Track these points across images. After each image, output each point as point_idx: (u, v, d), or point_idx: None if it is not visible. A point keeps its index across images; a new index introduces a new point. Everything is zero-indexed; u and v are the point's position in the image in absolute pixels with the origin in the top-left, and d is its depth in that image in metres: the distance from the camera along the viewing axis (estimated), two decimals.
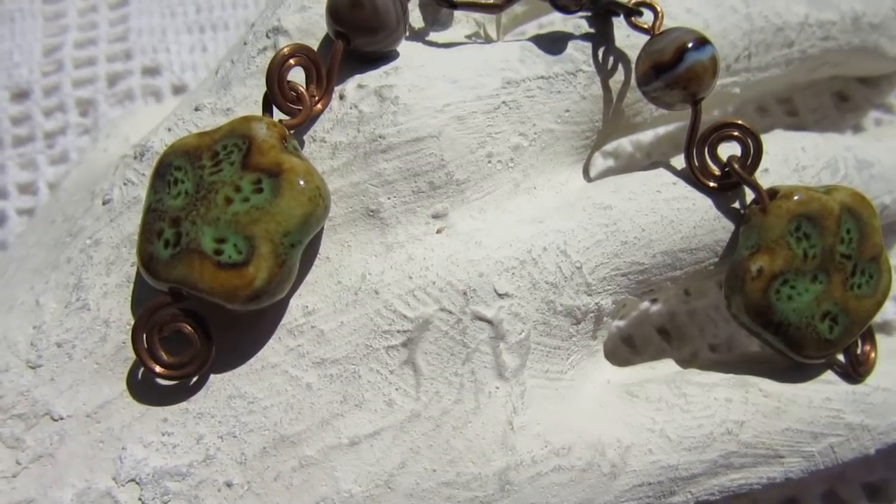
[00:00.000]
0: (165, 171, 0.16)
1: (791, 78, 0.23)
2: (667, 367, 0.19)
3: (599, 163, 0.28)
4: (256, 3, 0.34)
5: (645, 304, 0.26)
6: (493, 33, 0.21)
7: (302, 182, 0.15)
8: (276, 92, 0.16)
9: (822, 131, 0.29)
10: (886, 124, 0.29)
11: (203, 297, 0.15)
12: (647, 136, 0.29)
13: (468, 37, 0.20)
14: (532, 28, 0.25)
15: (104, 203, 0.18)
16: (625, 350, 0.25)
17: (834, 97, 0.30)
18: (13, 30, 0.34)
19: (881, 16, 0.24)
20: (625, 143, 0.28)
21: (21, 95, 0.32)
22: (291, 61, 0.16)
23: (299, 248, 0.15)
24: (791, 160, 0.19)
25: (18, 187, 0.31)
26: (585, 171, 0.20)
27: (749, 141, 0.18)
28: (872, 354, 0.19)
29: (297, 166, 0.15)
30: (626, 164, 0.28)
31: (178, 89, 0.32)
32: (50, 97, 0.32)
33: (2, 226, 0.30)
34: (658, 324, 0.26)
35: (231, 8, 0.34)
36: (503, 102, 0.18)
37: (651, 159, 0.28)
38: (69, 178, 0.23)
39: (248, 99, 0.18)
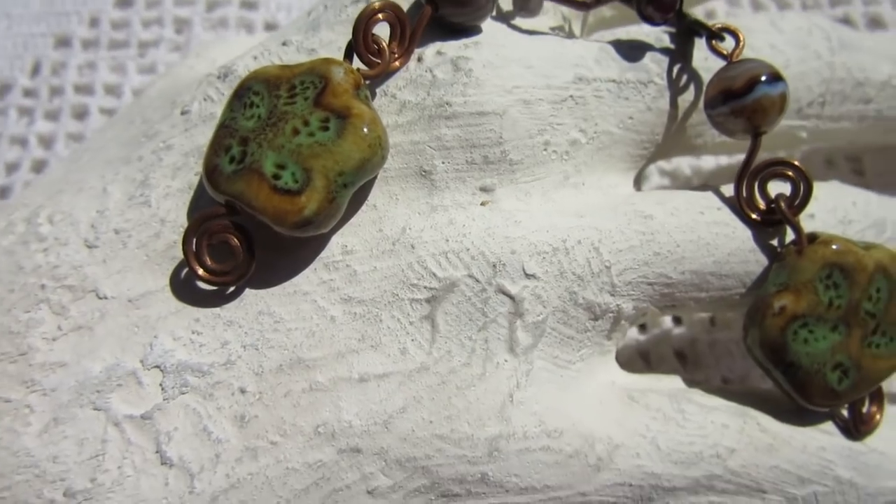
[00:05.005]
0: (244, 94, 0.17)
1: (861, 135, 0.23)
2: (673, 382, 0.19)
3: (655, 180, 0.28)
4: None
5: (668, 325, 0.26)
6: (577, 31, 0.22)
7: (366, 129, 0.16)
8: (360, 41, 0.17)
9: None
10: None
11: (255, 214, 0.16)
12: (707, 163, 0.29)
13: (552, 28, 0.21)
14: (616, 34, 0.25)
15: (182, 113, 0.19)
16: (640, 363, 0.26)
17: None
18: None
19: None
20: (684, 167, 0.29)
21: (125, 2, 0.34)
22: (380, 15, 0.17)
23: (350, 189, 0.16)
24: (839, 211, 0.19)
25: (105, 87, 0.32)
26: (636, 181, 0.20)
27: (801, 183, 0.18)
28: (878, 416, 0.19)
29: (365, 113, 0.16)
30: (681, 187, 0.28)
31: (271, 26, 0.33)
32: (150, 10, 0.33)
33: (83, 120, 0.32)
34: (677, 346, 0.26)
35: None
36: (570, 96, 0.18)
37: None
38: (153, 86, 0.24)
39: (332, 44, 0.19)
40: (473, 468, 0.16)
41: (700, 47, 0.20)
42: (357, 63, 0.17)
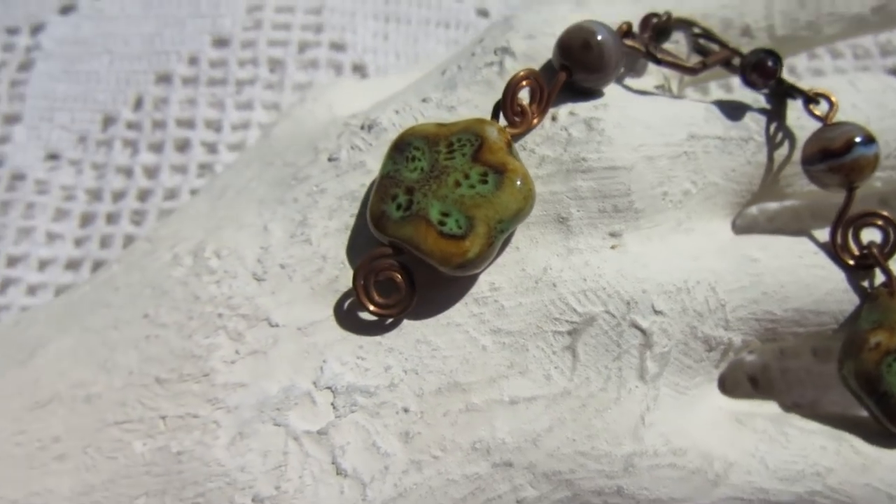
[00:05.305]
0: (405, 148, 0.19)
1: None
2: (770, 407, 0.21)
3: None
4: (440, 6, 0.37)
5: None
6: (674, 87, 0.24)
7: (519, 183, 0.18)
8: (508, 104, 0.19)
9: None
10: None
11: (421, 256, 0.18)
12: (772, 204, 0.31)
13: (656, 87, 0.23)
14: (709, 87, 0.28)
15: (330, 160, 0.22)
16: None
17: None
18: None
19: None
20: (752, 208, 0.31)
21: (221, 43, 0.36)
22: (524, 82, 0.19)
23: (504, 235, 0.18)
24: None
25: (205, 122, 0.35)
26: (733, 225, 0.22)
27: (891, 232, 0.20)
28: None
29: (519, 169, 0.18)
30: (749, 225, 0.31)
31: (358, 68, 0.36)
32: (245, 50, 0.36)
33: (185, 152, 0.34)
34: (750, 372, 0.28)
35: (416, 6, 0.38)
36: (684, 152, 0.21)
37: (772, 224, 0.31)
38: (278, 128, 0.27)
39: (470, 102, 0.21)
40: (610, 482, 0.18)
41: (792, 108, 0.22)
42: (501, 121, 0.20)
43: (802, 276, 0.20)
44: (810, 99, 0.21)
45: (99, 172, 0.34)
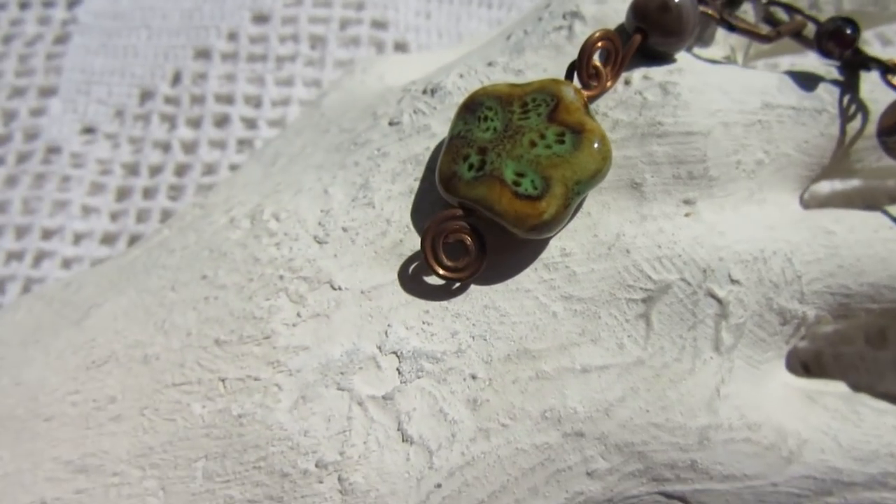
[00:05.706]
0: (477, 108, 0.19)
1: None
2: (839, 387, 0.21)
3: None
4: None
5: None
6: (739, 60, 0.24)
7: (597, 144, 0.18)
8: (584, 65, 0.19)
9: None
10: None
11: (494, 217, 0.18)
12: (823, 188, 0.30)
13: (723, 58, 0.22)
14: (764, 64, 0.27)
15: (391, 124, 0.21)
16: None
17: None
18: None
19: None
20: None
21: (261, 19, 0.36)
22: (600, 44, 0.19)
23: (580, 197, 0.18)
24: None
25: (244, 98, 0.34)
26: (801, 200, 0.22)
27: None
28: None
29: (597, 129, 0.18)
30: None
31: (400, 46, 0.35)
32: (286, 26, 0.36)
33: (223, 127, 0.34)
34: (802, 358, 0.27)
35: None
36: (759, 121, 0.20)
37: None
38: (328, 98, 0.26)
39: (537, 66, 0.21)
40: (684, 455, 0.18)
41: (865, 80, 0.21)
42: (575, 82, 0.19)
43: (878, 250, 0.20)
44: (888, 69, 0.21)
45: (136, 147, 0.34)
